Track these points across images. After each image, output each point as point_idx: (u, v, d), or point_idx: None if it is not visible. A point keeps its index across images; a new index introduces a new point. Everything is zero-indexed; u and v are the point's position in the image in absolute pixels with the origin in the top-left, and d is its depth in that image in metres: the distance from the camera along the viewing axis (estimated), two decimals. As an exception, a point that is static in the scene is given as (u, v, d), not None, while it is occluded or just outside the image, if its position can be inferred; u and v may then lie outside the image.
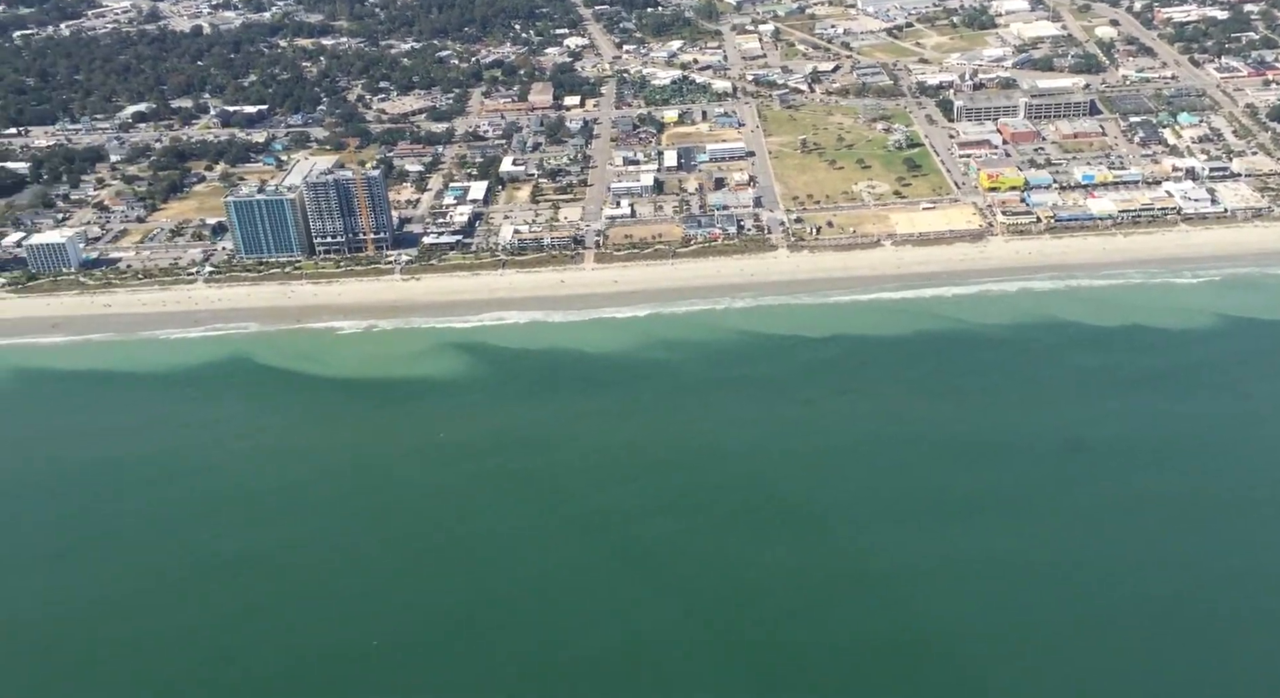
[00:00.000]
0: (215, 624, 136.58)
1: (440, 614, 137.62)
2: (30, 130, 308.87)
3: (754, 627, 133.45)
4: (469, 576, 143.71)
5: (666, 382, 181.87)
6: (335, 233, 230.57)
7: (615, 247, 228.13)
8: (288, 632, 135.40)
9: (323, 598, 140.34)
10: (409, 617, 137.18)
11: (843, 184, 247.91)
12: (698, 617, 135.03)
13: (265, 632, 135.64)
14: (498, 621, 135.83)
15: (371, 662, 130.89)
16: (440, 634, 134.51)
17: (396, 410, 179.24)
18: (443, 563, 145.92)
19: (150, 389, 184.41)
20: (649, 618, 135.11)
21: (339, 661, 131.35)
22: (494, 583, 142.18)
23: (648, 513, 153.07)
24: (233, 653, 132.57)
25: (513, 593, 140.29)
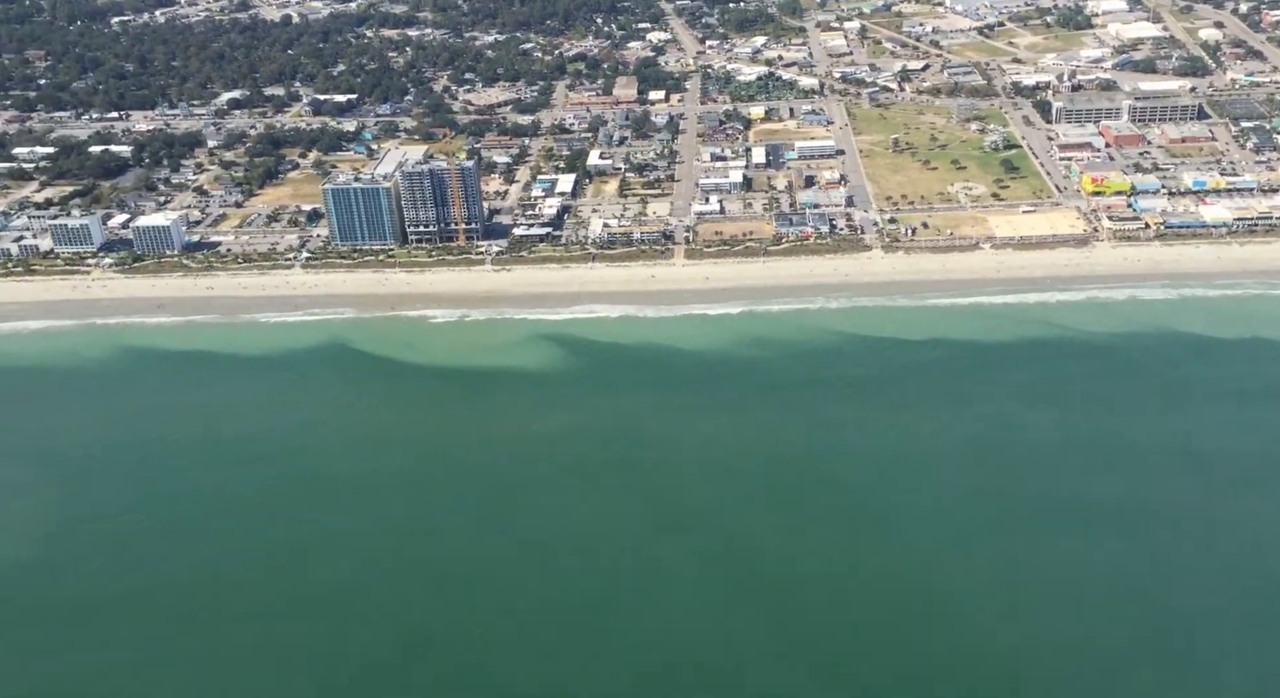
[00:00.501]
0: (321, 600, 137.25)
1: (536, 605, 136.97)
2: (130, 115, 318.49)
3: (842, 635, 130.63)
4: (563, 567, 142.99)
5: (760, 380, 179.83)
6: (428, 222, 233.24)
7: (705, 243, 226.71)
8: (389, 614, 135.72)
9: (421, 581, 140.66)
10: (504, 605, 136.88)
11: (937, 185, 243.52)
12: (786, 623, 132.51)
13: (364, 614, 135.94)
14: (590, 615, 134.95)
15: (474, 647, 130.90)
16: (538, 625, 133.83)
17: (490, 400, 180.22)
18: (536, 554, 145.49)
19: (251, 371, 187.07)
20: (739, 623, 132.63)
21: (441, 645, 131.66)
22: (588, 576, 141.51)
23: (739, 512, 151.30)
24: (341, 630, 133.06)
25: (607, 587, 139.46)
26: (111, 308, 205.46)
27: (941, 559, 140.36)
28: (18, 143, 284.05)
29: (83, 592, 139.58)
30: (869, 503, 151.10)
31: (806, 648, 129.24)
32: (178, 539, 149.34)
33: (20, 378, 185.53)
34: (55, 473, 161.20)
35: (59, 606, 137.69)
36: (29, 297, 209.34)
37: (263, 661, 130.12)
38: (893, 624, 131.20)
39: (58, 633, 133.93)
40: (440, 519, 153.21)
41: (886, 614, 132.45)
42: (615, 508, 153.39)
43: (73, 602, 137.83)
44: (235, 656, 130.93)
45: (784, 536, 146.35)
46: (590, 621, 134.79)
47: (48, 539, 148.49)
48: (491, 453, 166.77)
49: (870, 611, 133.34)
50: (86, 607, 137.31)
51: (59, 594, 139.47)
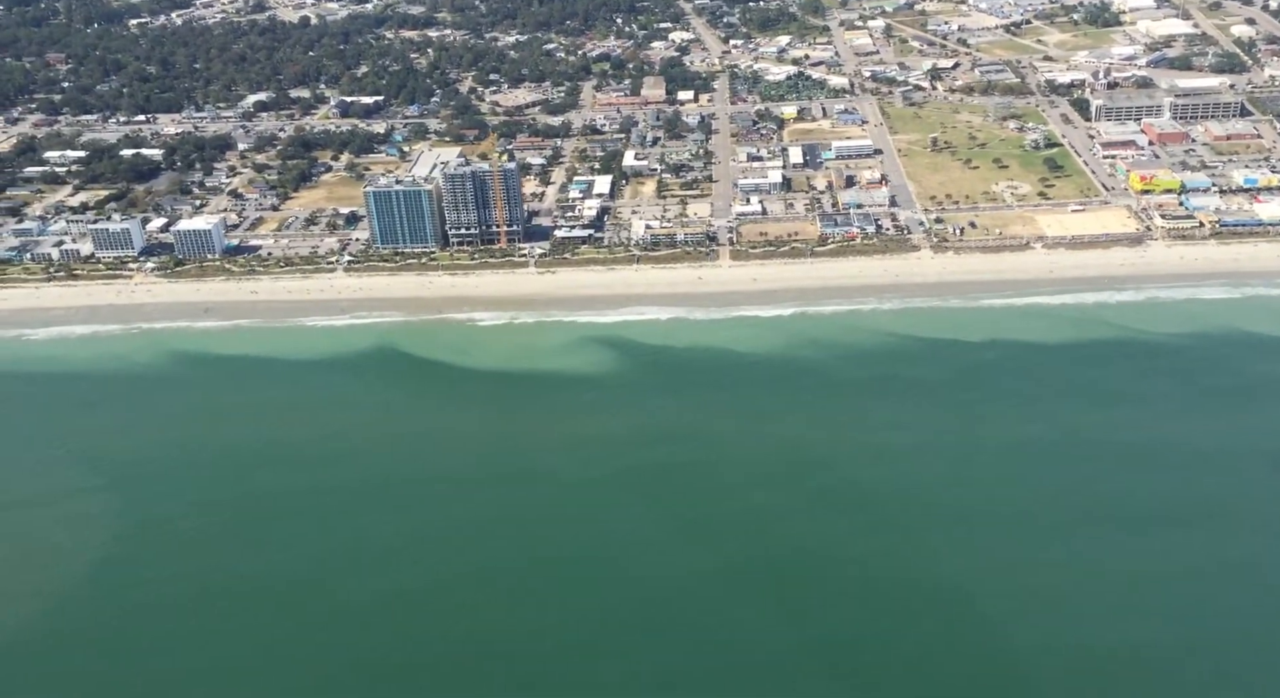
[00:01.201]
0: (389, 603, 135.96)
1: (599, 607, 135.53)
2: (157, 118, 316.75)
3: (907, 637, 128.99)
4: (624, 570, 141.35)
5: (816, 382, 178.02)
6: (470, 225, 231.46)
7: (750, 244, 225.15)
8: (455, 617, 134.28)
9: (485, 585, 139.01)
10: (567, 607, 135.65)
11: (980, 184, 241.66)
12: (851, 626, 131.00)
13: (431, 617, 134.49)
14: (646, 621, 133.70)
15: (539, 650, 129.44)
16: (600, 627, 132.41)
17: (544, 403, 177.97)
18: (593, 557, 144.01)
19: (302, 375, 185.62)
20: (806, 628, 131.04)
21: (505, 647, 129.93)
22: (644, 581, 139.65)
23: (802, 515, 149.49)
24: (412, 633, 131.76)
25: (668, 590, 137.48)
26: (157, 312, 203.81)
27: (1011, 562, 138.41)
28: (48, 146, 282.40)
29: (161, 593, 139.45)
30: (937, 505, 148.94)
31: (879, 651, 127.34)
32: (247, 542, 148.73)
33: (73, 383, 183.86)
34: (119, 478, 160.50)
35: (140, 607, 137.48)
36: (73, 301, 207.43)
37: (336, 662, 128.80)
38: (964, 628, 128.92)
39: (139, 634, 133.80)
40: (502, 522, 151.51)
41: (957, 618, 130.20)
42: (675, 511, 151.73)
43: (152, 603, 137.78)
44: (310, 657, 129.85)
45: (853, 538, 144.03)
46: (653, 623, 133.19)
47: (121, 541, 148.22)
48: (549, 456, 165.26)
49: (941, 613, 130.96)
50: (166, 608, 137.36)
51: (139, 596, 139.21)
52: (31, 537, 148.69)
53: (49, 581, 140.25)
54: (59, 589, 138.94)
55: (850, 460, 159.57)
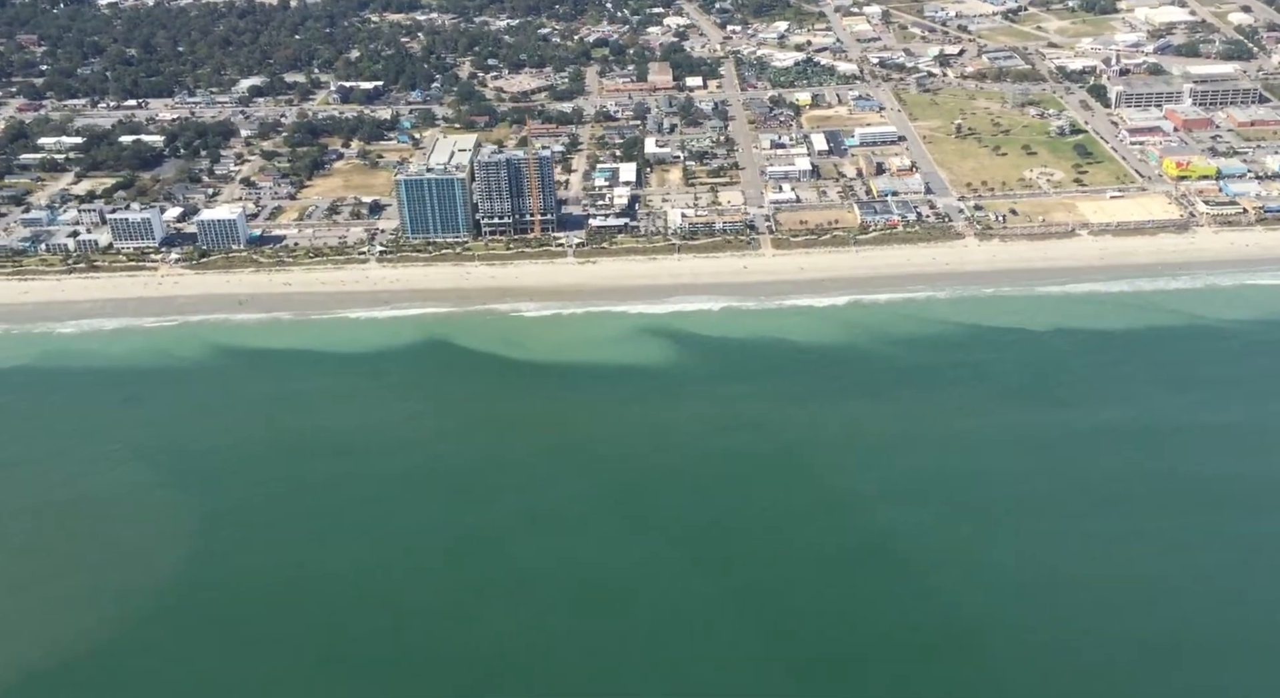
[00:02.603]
0: (462, 597, 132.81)
1: (686, 595, 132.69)
2: (149, 103, 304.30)
3: (1009, 625, 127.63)
4: (712, 558, 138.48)
5: (882, 371, 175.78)
6: (503, 214, 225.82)
7: (791, 232, 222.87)
8: (520, 611, 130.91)
9: (568, 578, 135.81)
10: (649, 600, 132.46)
11: (1012, 171, 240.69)
12: (951, 614, 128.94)
13: (496, 613, 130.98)
14: (744, 608, 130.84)
15: (628, 641, 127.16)
16: (684, 620, 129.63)
17: (605, 393, 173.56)
18: (685, 545, 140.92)
19: (349, 367, 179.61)
20: (903, 612, 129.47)
21: (583, 641, 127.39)
22: (733, 564, 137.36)
23: (882, 502, 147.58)
24: (492, 627, 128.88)
25: (751, 576, 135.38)
26: (190, 305, 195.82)
27: (1107, 545, 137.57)
28: (41, 132, 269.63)
29: (244, 588, 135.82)
30: (1028, 492, 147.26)
31: (978, 636, 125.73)
32: (316, 534, 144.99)
33: (115, 378, 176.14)
34: (181, 473, 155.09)
35: (227, 604, 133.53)
36: (98, 294, 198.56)
37: (415, 654, 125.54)
38: (1071, 614, 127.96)
39: (230, 630, 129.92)
40: (576, 512, 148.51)
41: (1060, 602, 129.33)
42: (756, 498, 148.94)
43: (237, 599, 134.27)
44: (396, 644, 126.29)
45: (937, 527, 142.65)
46: (747, 605, 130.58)
47: (195, 537, 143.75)
48: (617, 446, 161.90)
49: (1044, 598, 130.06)
50: (252, 603, 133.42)
51: (223, 592, 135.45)
52: (107, 536, 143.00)
53: (132, 580, 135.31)
54: (144, 588, 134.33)
55: (931, 448, 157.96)
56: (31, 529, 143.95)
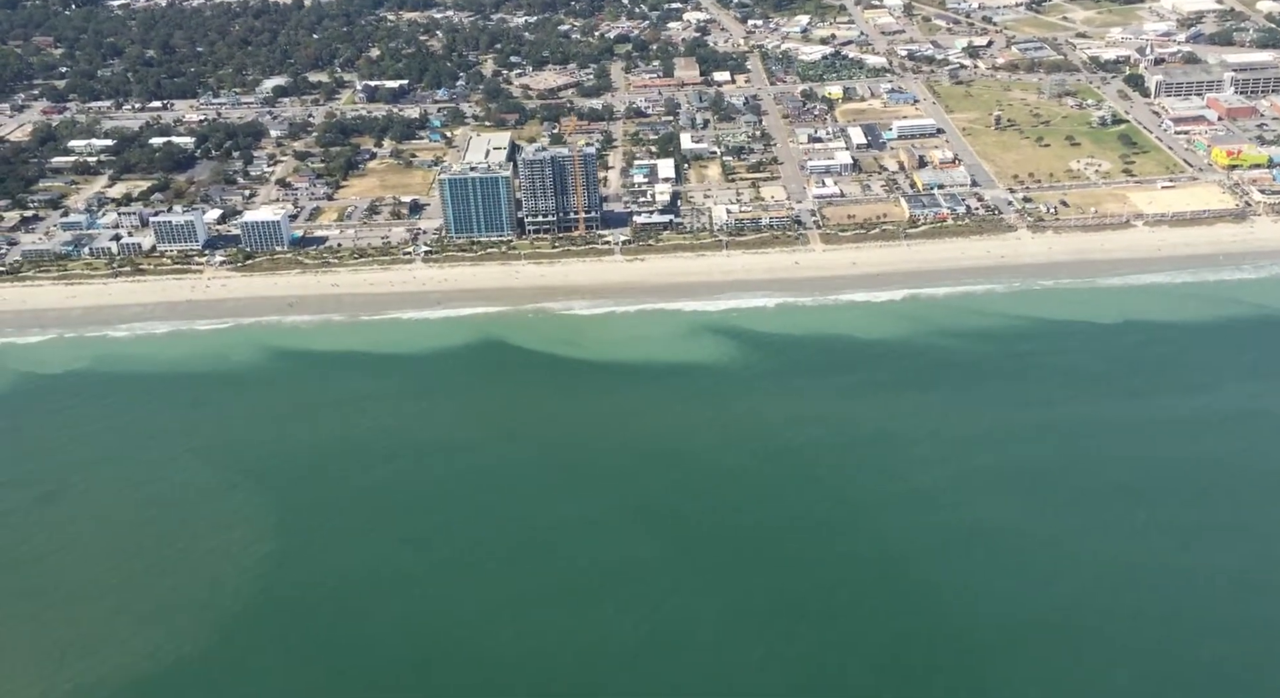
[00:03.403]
0: (514, 601, 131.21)
1: (765, 598, 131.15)
2: (174, 104, 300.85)
3: (1106, 615, 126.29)
4: (794, 556, 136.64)
5: (953, 365, 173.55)
6: (547, 212, 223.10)
7: (839, 227, 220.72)
8: (588, 613, 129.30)
9: (618, 580, 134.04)
10: (724, 600, 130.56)
11: (1057, 162, 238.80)
12: (1052, 603, 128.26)
13: (560, 614, 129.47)
14: (834, 600, 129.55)
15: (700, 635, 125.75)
16: (767, 612, 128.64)
17: (672, 390, 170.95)
18: (761, 543, 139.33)
19: (408, 368, 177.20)
20: (999, 602, 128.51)
21: (662, 640, 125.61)
22: (829, 562, 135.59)
23: (970, 492, 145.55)
24: (586, 622, 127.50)
25: (852, 574, 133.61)
26: (240, 308, 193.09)
27: (1193, 535, 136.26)
28: (70, 135, 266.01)
29: (320, 586, 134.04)
30: (1116, 484, 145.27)
31: (1078, 624, 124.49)
32: (396, 533, 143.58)
33: (175, 382, 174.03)
34: (253, 475, 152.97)
35: (304, 602, 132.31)
36: (146, 297, 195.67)
37: (492, 651, 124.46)
38: (1180, 602, 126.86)
39: (307, 628, 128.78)
40: (644, 511, 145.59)
41: (1167, 591, 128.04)
42: (839, 490, 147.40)
43: (313, 596, 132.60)
44: (466, 645, 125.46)
45: (1030, 517, 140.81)
46: (837, 598, 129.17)
47: (270, 539, 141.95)
48: (682, 444, 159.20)
49: (1152, 586, 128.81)
50: (327, 600, 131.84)
51: (312, 594, 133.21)
52: (184, 540, 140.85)
53: (214, 585, 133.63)
54: (226, 593, 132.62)
55: (1008, 440, 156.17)
56: (108, 535, 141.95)
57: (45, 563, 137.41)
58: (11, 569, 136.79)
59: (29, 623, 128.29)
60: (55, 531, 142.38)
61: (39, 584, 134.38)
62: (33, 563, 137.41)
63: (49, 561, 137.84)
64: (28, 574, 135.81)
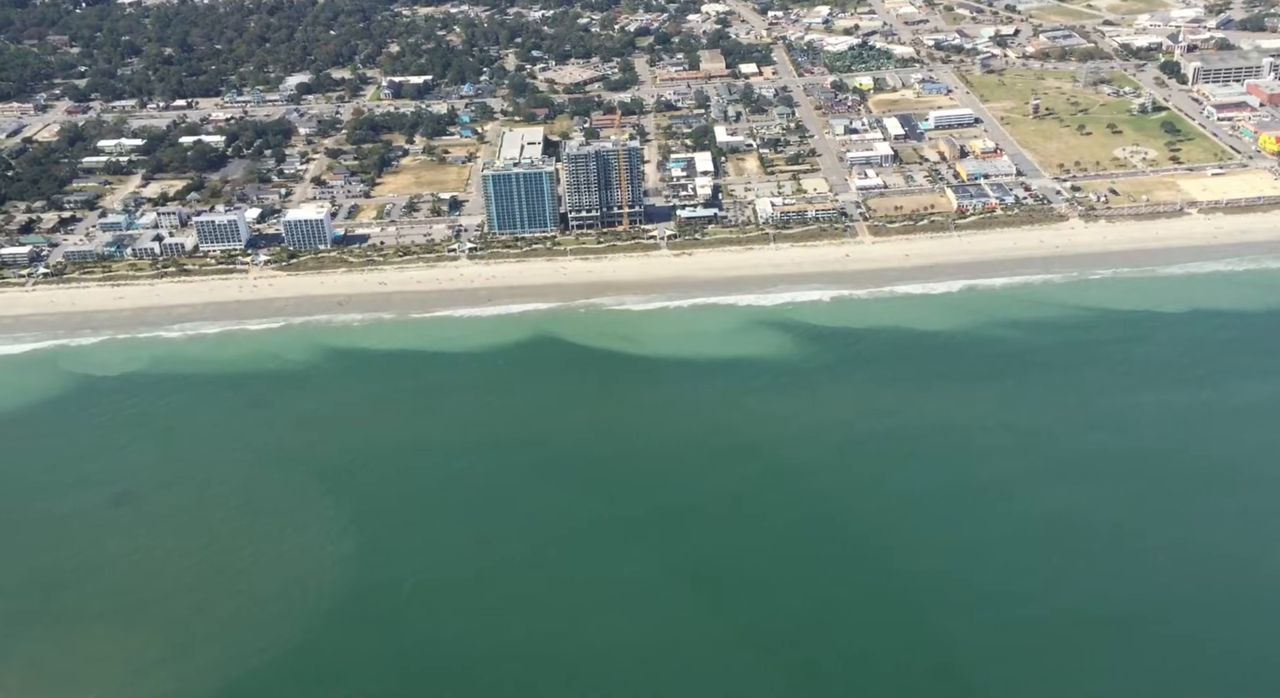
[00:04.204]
0: (610, 593, 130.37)
1: (848, 585, 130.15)
2: (198, 103, 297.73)
3: (1212, 605, 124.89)
4: (861, 546, 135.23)
5: (1016, 355, 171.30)
6: (590, 207, 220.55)
7: (886, 219, 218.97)
8: (676, 610, 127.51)
9: (691, 576, 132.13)
10: (812, 590, 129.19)
11: (1100, 150, 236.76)
12: (1121, 594, 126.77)
13: (647, 608, 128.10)
14: (909, 591, 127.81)
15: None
16: (850, 601, 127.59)
17: (728, 387, 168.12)
18: (833, 533, 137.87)
19: (466, 365, 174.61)
20: (1073, 592, 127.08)
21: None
22: (916, 551, 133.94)
23: (1047, 482, 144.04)
24: (679, 614, 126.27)
25: (942, 563, 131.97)
26: (290, 307, 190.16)
27: (1269, 523, 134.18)
28: (98, 135, 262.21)
29: (400, 584, 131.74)
30: (1203, 473, 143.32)
31: (1178, 618, 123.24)
32: (474, 528, 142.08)
33: (232, 381, 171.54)
34: (317, 473, 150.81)
35: (387, 600, 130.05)
36: (194, 298, 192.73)
37: (567, 647, 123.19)
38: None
39: (392, 627, 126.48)
40: (714, 503, 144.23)
41: (1248, 583, 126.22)
42: (912, 484, 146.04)
43: (395, 594, 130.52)
44: (571, 636, 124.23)
45: (1110, 505, 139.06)
46: (928, 586, 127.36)
47: (344, 536, 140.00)
48: (747, 437, 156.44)
49: (1230, 577, 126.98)
50: (410, 596, 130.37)
51: (383, 590, 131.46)
52: (266, 541, 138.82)
53: (294, 584, 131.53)
54: (308, 592, 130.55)
55: (1081, 429, 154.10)
56: (183, 536, 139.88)
57: (123, 566, 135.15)
58: (90, 573, 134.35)
59: (113, 629, 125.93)
60: (129, 532, 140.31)
61: (118, 588, 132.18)
62: (110, 567, 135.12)
63: (126, 563, 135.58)
64: (106, 579, 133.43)
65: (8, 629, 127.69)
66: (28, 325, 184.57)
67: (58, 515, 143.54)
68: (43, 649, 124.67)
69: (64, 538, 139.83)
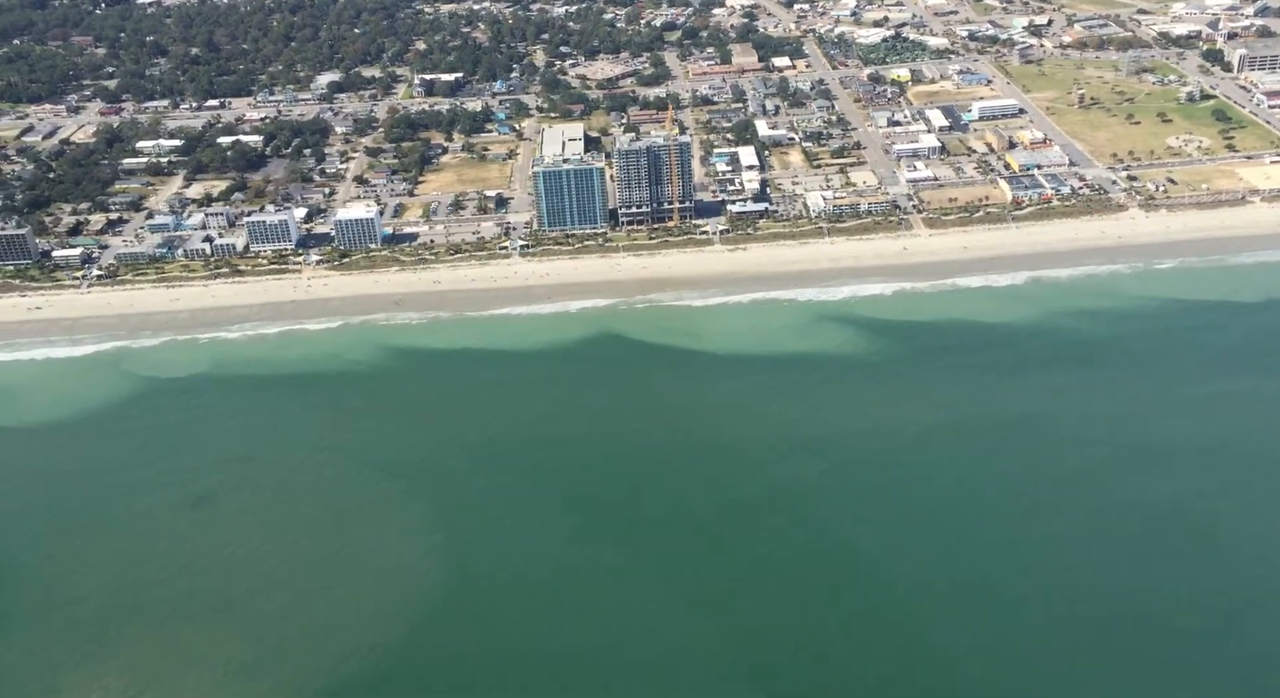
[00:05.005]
0: (700, 590, 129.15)
1: (941, 577, 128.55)
2: (230, 103, 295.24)
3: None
4: (951, 539, 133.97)
5: (1092, 345, 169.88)
6: (641, 203, 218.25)
7: (941, 211, 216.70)
8: (766, 604, 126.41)
9: (782, 568, 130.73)
10: (918, 578, 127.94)
11: (1151, 139, 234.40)
12: (1216, 583, 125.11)
13: (740, 602, 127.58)
14: (1003, 582, 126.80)
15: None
16: (947, 594, 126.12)
17: (804, 381, 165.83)
18: (921, 526, 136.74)
19: (533, 363, 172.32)
20: (1198, 577, 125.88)
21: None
22: (993, 547, 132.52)
23: (1128, 473, 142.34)
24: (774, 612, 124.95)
25: (1024, 555, 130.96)
26: (347, 307, 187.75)
27: None
28: (136, 136, 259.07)
29: (497, 582, 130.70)
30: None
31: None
32: (556, 524, 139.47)
33: (296, 381, 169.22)
34: (393, 473, 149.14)
35: (485, 598, 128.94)
36: (250, 298, 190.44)
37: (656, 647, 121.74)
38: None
39: (494, 626, 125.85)
40: (810, 493, 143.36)
41: None
42: (996, 474, 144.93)
43: (494, 592, 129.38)
44: (660, 632, 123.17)
45: (1201, 496, 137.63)
46: (1037, 568, 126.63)
47: (430, 534, 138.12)
48: (831, 428, 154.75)
49: None
50: (510, 593, 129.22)
51: (480, 588, 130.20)
52: (350, 542, 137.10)
53: (390, 584, 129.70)
54: (405, 591, 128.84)
55: (1163, 418, 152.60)
56: (267, 538, 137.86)
57: (210, 566, 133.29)
58: (179, 573, 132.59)
59: (207, 630, 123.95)
60: (212, 532, 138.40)
61: (208, 588, 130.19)
62: (197, 566, 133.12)
63: (212, 563, 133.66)
64: (195, 578, 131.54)
65: (105, 629, 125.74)
66: (87, 327, 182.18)
67: (139, 515, 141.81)
68: (140, 650, 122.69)
69: (148, 538, 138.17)
